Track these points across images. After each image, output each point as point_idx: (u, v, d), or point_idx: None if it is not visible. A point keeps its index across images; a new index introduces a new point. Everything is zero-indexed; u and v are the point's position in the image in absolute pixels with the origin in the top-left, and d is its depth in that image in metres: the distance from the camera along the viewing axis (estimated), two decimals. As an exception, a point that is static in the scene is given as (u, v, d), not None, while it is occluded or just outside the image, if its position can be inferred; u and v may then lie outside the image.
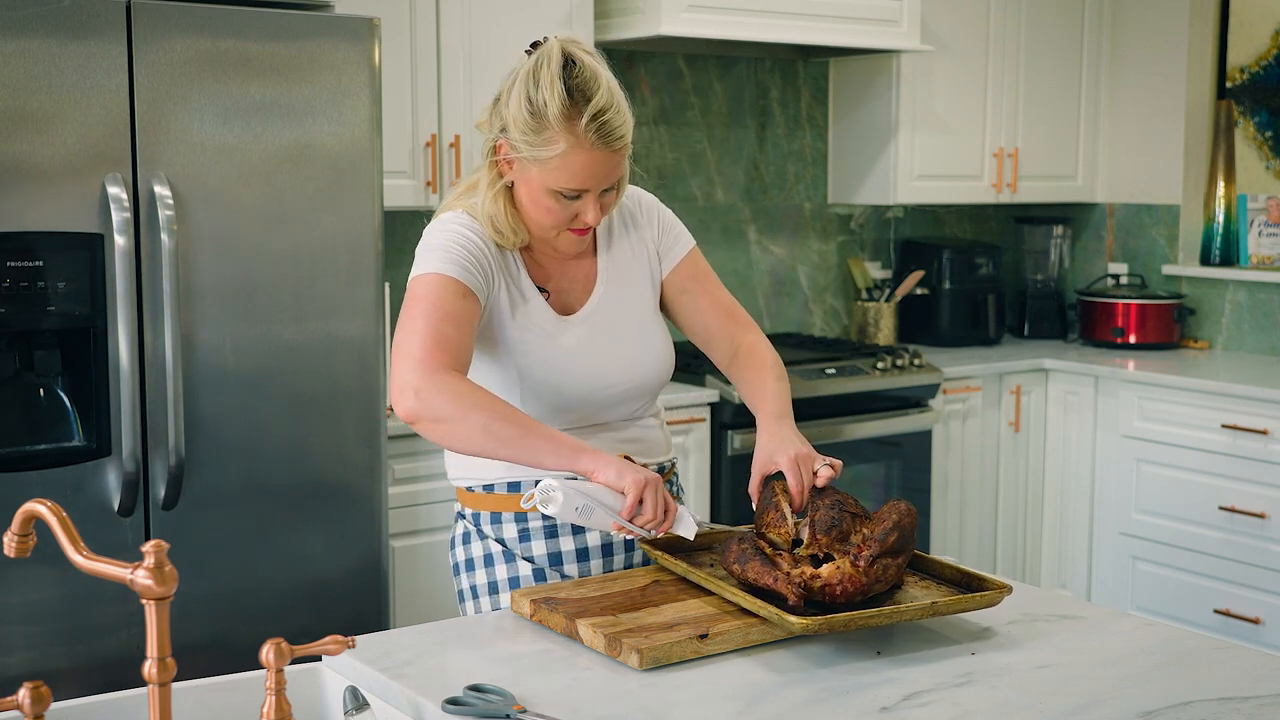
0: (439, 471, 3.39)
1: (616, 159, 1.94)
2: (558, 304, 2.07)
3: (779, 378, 2.13)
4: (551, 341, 2.03)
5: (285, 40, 2.86)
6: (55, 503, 1.29)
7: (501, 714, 1.53)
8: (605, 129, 1.89)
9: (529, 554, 2.06)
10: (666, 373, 2.14)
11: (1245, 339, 4.77)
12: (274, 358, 2.90)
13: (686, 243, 2.18)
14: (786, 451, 1.97)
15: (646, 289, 2.14)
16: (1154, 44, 4.91)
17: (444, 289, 1.91)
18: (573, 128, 1.88)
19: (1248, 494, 4.09)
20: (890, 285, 4.85)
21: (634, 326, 2.10)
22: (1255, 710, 1.58)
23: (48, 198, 2.65)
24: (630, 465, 1.86)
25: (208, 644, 2.84)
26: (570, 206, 1.96)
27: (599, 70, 1.92)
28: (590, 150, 1.90)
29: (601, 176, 1.94)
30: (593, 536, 2.07)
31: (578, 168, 1.91)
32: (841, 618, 1.70)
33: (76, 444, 2.74)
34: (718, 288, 2.21)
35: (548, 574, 2.06)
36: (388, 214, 3.70)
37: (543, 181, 1.93)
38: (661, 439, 2.16)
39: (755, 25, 3.98)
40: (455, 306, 1.91)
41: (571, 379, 2.03)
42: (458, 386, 1.83)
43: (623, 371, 2.07)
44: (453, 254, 1.95)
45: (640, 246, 2.15)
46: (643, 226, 2.16)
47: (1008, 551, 4.63)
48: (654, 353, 2.11)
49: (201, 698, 1.63)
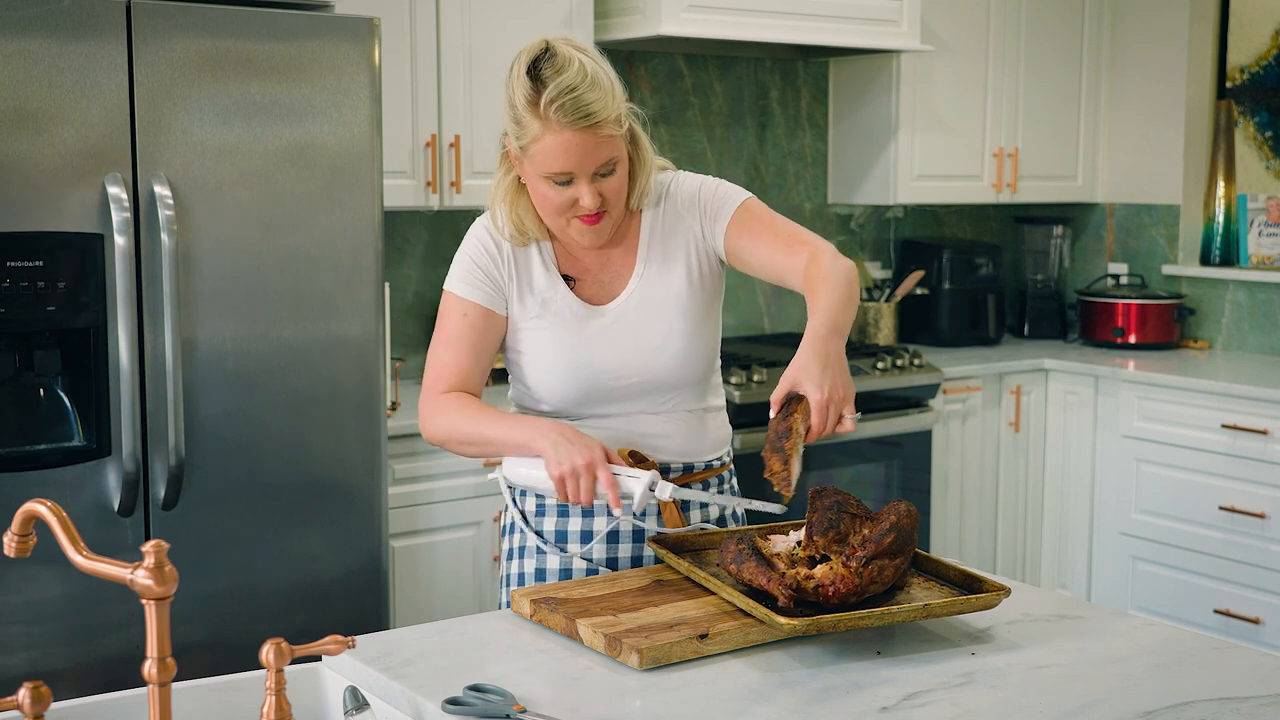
0: (439, 471, 3.39)
1: (594, 138, 1.93)
2: (590, 293, 2.10)
3: (835, 284, 1.94)
4: (569, 328, 2.07)
5: (285, 40, 2.86)
6: (55, 503, 1.29)
7: (501, 714, 1.53)
8: (568, 107, 1.90)
9: (540, 528, 2.14)
10: (689, 372, 2.10)
11: (1245, 339, 4.77)
12: (274, 358, 2.90)
13: (732, 203, 2.10)
14: (820, 388, 1.81)
15: (683, 283, 2.10)
16: (1154, 44, 4.91)
17: (451, 310, 2.10)
18: (537, 111, 1.92)
19: (1248, 494, 4.09)
20: (890, 285, 4.85)
21: (661, 322, 2.09)
22: (1255, 710, 1.57)
23: (48, 198, 2.65)
24: (570, 446, 1.90)
25: (208, 644, 2.84)
26: (565, 193, 1.98)
27: (575, 55, 1.93)
28: (560, 131, 1.91)
29: (582, 157, 1.94)
30: (599, 521, 2.10)
31: (552, 150, 1.93)
32: (830, 619, 1.70)
33: (76, 444, 2.74)
34: (774, 223, 2.08)
35: (547, 551, 2.11)
36: (388, 214, 3.70)
37: (534, 170, 1.98)
38: (680, 437, 2.13)
39: (755, 25, 3.98)
40: (458, 328, 2.08)
41: (580, 367, 2.06)
42: (442, 409, 2.05)
43: (634, 366, 2.08)
44: (462, 266, 2.10)
45: (683, 238, 2.11)
46: (683, 216, 2.12)
47: (1008, 551, 4.63)
48: (673, 351, 2.09)
49: (201, 698, 1.63)
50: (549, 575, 2.11)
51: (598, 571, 2.10)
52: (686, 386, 2.12)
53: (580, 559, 2.10)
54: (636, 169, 2.07)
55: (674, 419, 2.12)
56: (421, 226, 3.98)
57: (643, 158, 2.07)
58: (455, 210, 3.76)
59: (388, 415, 3.10)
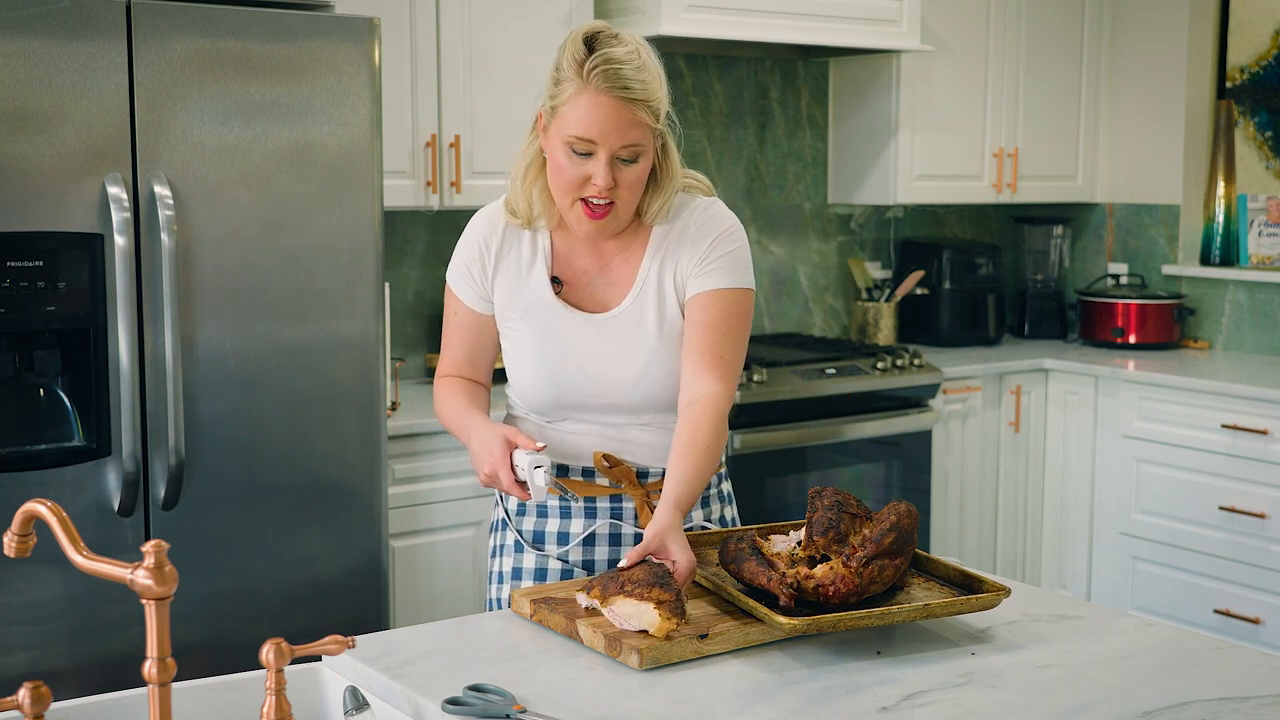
0: (439, 471, 3.39)
1: (627, 113, 1.93)
2: (580, 299, 2.08)
3: (701, 455, 1.96)
4: (548, 333, 2.07)
5: (285, 40, 2.86)
6: (55, 503, 1.29)
7: (501, 714, 1.53)
8: (611, 73, 1.92)
9: (520, 527, 2.16)
10: (662, 398, 2.07)
11: (1245, 339, 4.77)
12: (274, 358, 2.90)
13: (721, 282, 2.04)
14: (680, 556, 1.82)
15: (675, 307, 2.06)
16: (1154, 44, 4.91)
17: (448, 303, 2.18)
18: (580, 71, 1.94)
19: (1248, 494, 4.09)
20: (890, 285, 4.85)
21: (645, 347, 2.05)
22: (1255, 710, 1.58)
23: (48, 198, 2.65)
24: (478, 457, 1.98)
25: (208, 644, 2.84)
26: (582, 166, 1.96)
27: (626, 36, 1.98)
28: (596, 94, 1.92)
29: (608, 128, 1.93)
30: (576, 523, 2.10)
31: (584, 111, 1.93)
32: (830, 618, 1.70)
33: (76, 444, 2.74)
34: (722, 330, 2.03)
35: (527, 549, 2.13)
36: (388, 214, 3.70)
37: (558, 133, 1.97)
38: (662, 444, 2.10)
39: (755, 25, 3.98)
40: (453, 322, 2.17)
41: (553, 374, 2.06)
42: (438, 394, 2.18)
43: (608, 386, 2.06)
44: (457, 262, 2.16)
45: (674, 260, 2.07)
46: (688, 240, 2.07)
47: (1008, 551, 4.63)
48: (651, 378, 2.05)
49: (201, 698, 1.63)
50: (524, 574, 2.12)
51: (573, 573, 2.10)
52: (659, 409, 2.09)
53: (556, 560, 2.11)
54: (661, 180, 2.04)
55: (653, 430, 2.10)
56: (421, 226, 3.98)
57: (669, 172, 2.04)
58: (455, 210, 3.76)
59: (388, 415, 3.10)
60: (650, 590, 1.69)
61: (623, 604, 1.71)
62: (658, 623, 1.68)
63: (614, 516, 2.09)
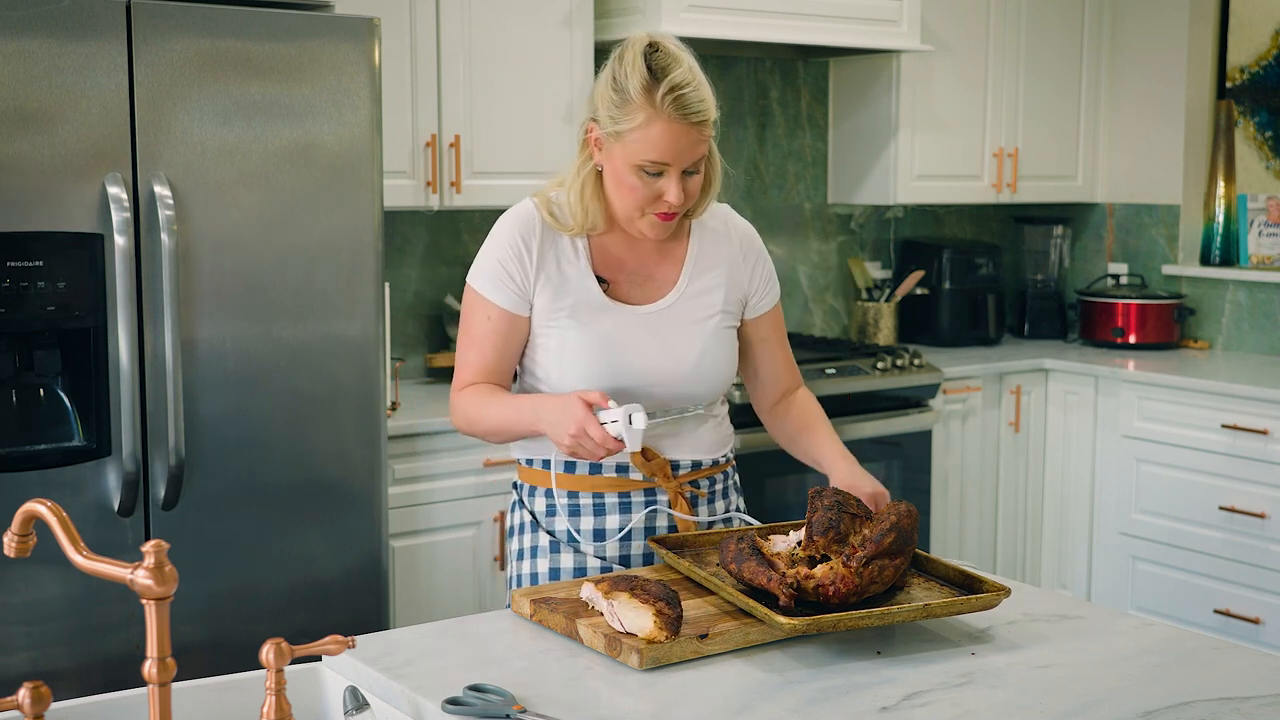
0: (439, 471, 3.39)
1: (695, 134, 1.99)
2: (624, 294, 2.12)
3: (827, 422, 2.29)
4: (602, 327, 2.08)
5: (285, 40, 2.86)
6: (55, 503, 1.29)
7: (501, 714, 1.53)
8: (682, 101, 1.96)
9: (551, 528, 2.15)
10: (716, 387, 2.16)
11: (1245, 339, 4.77)
12: (274, 358, 2.90)
13: (775, 295, 2.27)
14: (873, 487, 2.10)
15: (719, 306, 2.16)
16: (1154, 44, 4.91)
17: (476, 309, 2.13)
18: (651, 99, 1.96)
19: (1248, 494, 4.09)
20: (890, 285, 4.85)
21: (699, 336, 2.13)
22: (1255, 710, 1.58)
23: (48, 198, 2.65)
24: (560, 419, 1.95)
25: (208, 644, 2.84)
26: (653, 185, 2.00)
27: (681, 54, 2.01)
28: (669, 122, 1.96)
29: (681, 151, 1.98)
30: (611, 519, 2.10)
31: (656, 138, 1.97)
32: (830, 618, 1.70)
33: (76, 444, 2.74)
34: (786, 341, 2.32)
35: (562, 548, 2.12)
36: (388, 214, 3.70)
37: (626, 158, 2.00)
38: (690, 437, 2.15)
39: (755, 25, 3.98)
40: (482, 330, 2.11)
41: (609, 364, 2.07)
42: (459, 405, 2.13)
43: (669, 373, 2.10)
44: (489, 266, 2.11)
45: (727, 270, 2.17)
46: (736, 257, 2.19)
47: (1007, 551, 4.63)
48: (708, 365, 2.13)
49: (201, 698, 1.63)
50: (564, 575, 2.12)
51: (611, 569, 2.10)
52: (713, 398, 2.16)
53: (594, 557, 2.11)
54: (710, 179, 2.10)
55: (684, 422, 2.15)
56: (421, 226, 3.98)
57: (716, 170, 2.11)
58: (455, 210, 3.76)
59: (388, 415, 3.10)
60: (656, 601, 1.71)
61: (625, 602, 1.72)
62: (650, 629, 1.69)
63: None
